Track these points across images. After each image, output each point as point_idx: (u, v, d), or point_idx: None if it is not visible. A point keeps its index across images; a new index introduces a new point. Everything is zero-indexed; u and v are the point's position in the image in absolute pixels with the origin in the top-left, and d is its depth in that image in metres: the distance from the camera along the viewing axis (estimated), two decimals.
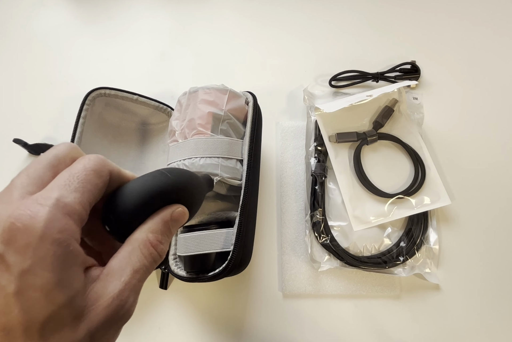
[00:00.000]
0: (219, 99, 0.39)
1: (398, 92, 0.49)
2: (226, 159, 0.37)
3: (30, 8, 0.58)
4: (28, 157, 0.48)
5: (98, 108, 0.44)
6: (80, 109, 0.42)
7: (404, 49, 0.55)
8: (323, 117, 0.47)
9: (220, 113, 0.38)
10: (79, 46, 0.56)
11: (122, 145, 0.47)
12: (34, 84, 0.53)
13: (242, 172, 0.37)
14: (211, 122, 0.38)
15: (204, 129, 0.37)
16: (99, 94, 0.43)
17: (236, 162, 0.38)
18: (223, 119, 0.38)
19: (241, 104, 0.40)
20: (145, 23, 0.57)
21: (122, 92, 0.45)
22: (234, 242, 0.33)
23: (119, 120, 0.47)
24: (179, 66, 0.54)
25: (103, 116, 0.45)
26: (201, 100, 0.39)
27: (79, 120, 0.42)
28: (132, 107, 0.46)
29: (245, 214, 0.35)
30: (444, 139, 0.49)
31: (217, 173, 0.36)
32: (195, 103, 0.39)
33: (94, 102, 0.43)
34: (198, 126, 0.37)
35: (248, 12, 0.58)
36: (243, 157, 0.38)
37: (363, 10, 0.58)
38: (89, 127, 0.43)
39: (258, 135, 0.40)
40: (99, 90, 0.43)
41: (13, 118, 0.51)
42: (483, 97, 0.52)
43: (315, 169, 0.45)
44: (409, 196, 0.44)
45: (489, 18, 0.57)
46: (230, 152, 0.37)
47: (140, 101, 0.46)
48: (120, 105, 0.46)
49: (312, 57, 0.55)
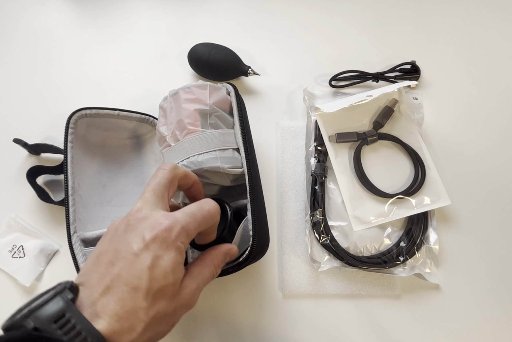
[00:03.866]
0: (202, 95, 0.39)
1: (398, 92, 0.49)
2: (223, 151, 0.37)
3: (30, 8, 0.58)
4: (28, 157, 0.48)
5: (81, 131, 0.44)
6: (66, 134, 0.41)
7: (404, 49, 0.55)
8: (323, 117, 0.47)
9: (206, 108, 0.38)
10: (79, 45, 0.56)
11: (112, 164, 0.46)
12: (33, 84, 0.53)
13: (242, 159, 0.37)
14: (199, 119, 0.38)
15: (194, 127, 0.37)
16: (80, 116, 0.42)
17: (233, 151, 0.38)
18: (210, 113, 0.38)
19: (223, 96, 0.40)
20: (145, 23, 0.57)
21: (103, 110, 0.44)
22: (252, 226, 0.34)
23: (103, 139, 0.46)
24: (179, 66, 0.54)
25: (86, 138, 0.45)
26: (184, 100, 0.39)
27: (67, 146, 0.41)
28: (116, 123, 0.46)
29: (254, 196, 0.35)
30: (444, 139, 0.49)
31: (218, 165, 0.36)
32: (178, 104, 0.39)
33: (76, 125, 0.43)
34: (188, 125, 0.37)
35: (248, 12, 0.58)
36: (238, 145, 0.38)
37: (363, 10, 0.58)
38: (77, 151, 0.43)
39: (246, 122, 0.41)
40: (79, 111, 0.42)
41: (13, 118, 0.50)
42: (483, 97, 0.52)
43: (315, 169, 0.45)
44: (409, 196, 0.44)
45: (489, 18, 0.57)
46: (225, 143, 0.37)
47: (122, 116, 0.45)
48: (102, 124, 0.45)
49: (312, 57, 0.55)
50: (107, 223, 0.41)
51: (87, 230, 0.40)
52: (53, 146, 0.45)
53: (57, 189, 0.46)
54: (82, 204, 0.41)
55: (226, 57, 0.51)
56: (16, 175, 0.47)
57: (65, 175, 0.40)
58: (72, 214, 0.39)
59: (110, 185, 0.46)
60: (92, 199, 0.43)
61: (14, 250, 0.43)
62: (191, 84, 0.40)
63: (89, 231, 0.40)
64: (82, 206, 0.41)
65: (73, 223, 0.38)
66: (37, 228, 0.45)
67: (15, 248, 0.43)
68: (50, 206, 0.44)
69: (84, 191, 0.42)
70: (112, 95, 0.52)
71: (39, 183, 0.45)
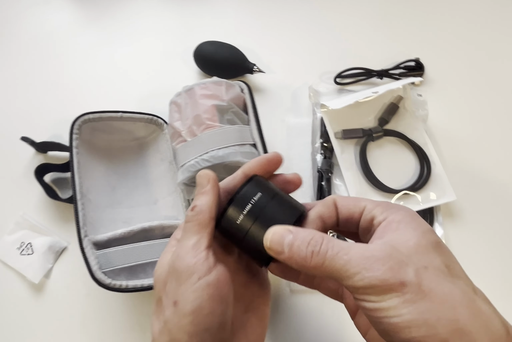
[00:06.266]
0: (218, 91, 0.40)
1: (403, 89, 0.49)
2: (241, 146, 0.38)
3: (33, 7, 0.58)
4: (35, 155, 0.48)
5: (86, 135, 0.44)
6: (70, 140, 0.41)
7: (408, 46, 0.55)
8: (328, 114, 0.47)
9: (223, 104, 0.39)
10: (84, 44, 0.56)
11: (119, 167, 0.46)
12: (40, 82, 0.53)
13: (259, 153, 0.38)
14: (216, 114, 0.38)
15: (213, 122, 0.38)
16: (84, 121, 0.43)
17: (250, 147, 0.39)
18: (227, 109, 0.39)
19: (238, 93, 0.41)
20: (150, 22, 0.58)
21: (105, 113, 0.44)
22: None
23: (109, 143, 0.46)
24: (184, 65, 0.54)
25: (92, 143, 0.45)
26: (200, 95, 0.39)
27: (73, 151, 0.41)
28: (120, 126, 0.46)
29: None
30: (449, 135, 0.50)
31: (239, 160, 0.36)
32: (194, 100, 0.39)
33: (81, 130, 0.43)
34: (206, 120, 0.38)
35: (252, 10, 0.58)
36: (255, 141, 0.39)
37: (367, 7, 0.58)
38: (83, 157, 0.42)
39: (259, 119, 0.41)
40: (83, 116, 0.42)
41: (20, 117, 0.51)
42: (487, 93, 0.52)
43: (321, 165, 0.45)
44: (414, 191, 0.45)
45: (493, 14, 0.58)
46: (242, 139, 0.38)
47: (125, 117, 0.45)
48: (106, 127, 0.45)
49: (316, 55, 0.55)
50: (119, 225, 0.41)
51: (99, 233, 0.39)
52: (60, 144, 0.46)
53: (64, 186, 0.46)
54: (91, 207, 0.41)
55: (232, 55, 0.51)
56: (24, 173, 0.47)
57: (72, 180, 0.39)
58: (82, 218, 0.38)
59: (119, 187, 0.45)
60: (102, 202, 0.43)
61: (23, 247, 0.43)
62: (206, 80, 0.40)
63: (101, 234, 0.39)
64: (92, 209, 0.41)
65: (83, 227, 0.38)
66: (45, 225, 0.45)
67: (24, 245, 0.43)
68: (57, 203, 0.44)
69: (93, 194, 0.42)
70: (119, 94, 0.52)
71: (47, 181, 0.45)
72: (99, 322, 0.41)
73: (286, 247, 0.21)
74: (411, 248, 0.20)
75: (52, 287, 0.42)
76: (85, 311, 0.41)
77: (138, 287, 0.35)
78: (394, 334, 0.18)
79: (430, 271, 0.19)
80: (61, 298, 0.42)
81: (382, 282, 0.18)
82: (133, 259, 0.38)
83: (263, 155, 0.26)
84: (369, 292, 0.18)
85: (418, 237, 0.20)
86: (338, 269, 0.19)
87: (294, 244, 0.21)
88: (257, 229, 0.23)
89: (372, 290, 0.18)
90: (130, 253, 0.38)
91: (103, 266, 0.36)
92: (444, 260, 0.20)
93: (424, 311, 0.18)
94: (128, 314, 0.41)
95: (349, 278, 0.19)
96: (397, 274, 0.18)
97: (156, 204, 0.45)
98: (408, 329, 0.17)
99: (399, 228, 0.21)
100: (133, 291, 0.35)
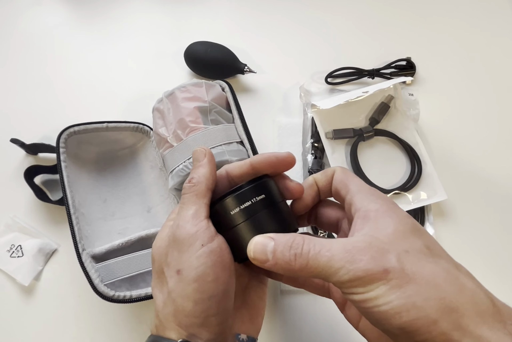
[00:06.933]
0: (199, 93, 0.40)
1: (394, 88, 0.49)
2: (228, 145, 0.38)
3: (26, 8, 0.58)
4: (26, 157, 0.48)
5: (72, 149, 0.43)
6: (58, 154, 0.41)
7: (399, 46, 0.55)
8: (319, 114, 0.47)
9: (206, 105, 0.39)
10: (75, 45, 0.56)
11: (109, 178, 0.46)
12: (30, 84, 0.53)
13: (247, 150, 0.38)
14: (200, 116, 0.38)
15: (197, 124, 0.38)
16: (69, 134, 0.42)
17: (237, 144, 0.39)
18: (210, 110, 0.39)
19: (219, 92, 0.41)
20: (141, 22, 0.57)
21: (90, 124, 0.43)
22: None
23: (96, 155, 0.46)
24: (175, 65, 0.54)
25: (79, 156, 0.44)
26: (182, 99, 0.39)
27: (61, 166, 0.40)
28: (106, 136, 0.45)
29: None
30: (440, 134, 0.50)
31: (226, 159, 0.36)
32: (176, 104, 0.39)
33: (67, 144, 0.42)
34: (190, 123, 0.38)
35: (244, 10, 0.58)
36: (242, 138, 0.39)
37: (358, 7, 0.58)
38: (72, 170, 0.42)
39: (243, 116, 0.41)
40: (68, 130, 0.42)
41: (10, 118, 0.50)
42: (478, 92, 0.52)
43: (312, 166, 0.45)
44: (405, 191, 0.45)
45: (484, 15, 0.57)
46: (228, 138, 0.38)
47: (111, 127, 0.44)
48: (92, 139, 0.45)
49: (308, 55, 0.55)
50: (114, 236, 0.41)
51: (96, 246, 0.39)
52: (51, 145, 0.45)
53: (54, 188, 0.46)
54: (86, 221, 0.41)
55: (223, 55, 0.51)
56: (13, 175, 0.47)
57: (64, 194, 0.39)
58: (78, 232, 0.38)
59: (111, 198, 0.45)
60: (95, 214, 0.43)
61: (13, 249, 0.43)
62: (185, 83, 0.40)
63: (97, 247, 0.39)
64: (86, 223, 0.41)
65: (80, 241, 0.37)
66: (35, 227, 0.45)
67: (14, 247, 0.43)
68: (48, 205, 0.44)
69: (85, 208, 0.42)
70: (110, 96, 0.52)
71: (37, 183, 0.45)
72: (91, 323, 0.41)
73: (269, 254, 0.21)
74: (390, 235, 0.20)
75: (42, 289, 0.42)
76: (77, 313, 0.41)
77: (142, 297, 0.35)
78: (386, 322, 0.18)
79: (411, 254, 0.19)
80: (52, 300, 0.42)
81: (366, 272, 0.18)
82: (133, 269, 0.38)
83: (274, 153, 0.25)
84: (356, 284, 0.19)
85: (395, 224, 0.21)
86: (322, 266, 0.19)
87: (277, 250, 0.20)
88: (244, 228, 0.23)
89: (358, 281, 0.18)
90: (130, 263, 0.38)
91: (105, 278, 0.36)
92: (424, 242, 0.20)
93: (411, 294, 0.18)
94: (120, 315, 0.41)
95: (335, 273, 0.19)
96: (379, 262, 0.18)
97: (150, 211, 0.45)
98: (399, 315, 0.18)
99: (377, 217, 0.21)
100: (138, 300, 0.35)
